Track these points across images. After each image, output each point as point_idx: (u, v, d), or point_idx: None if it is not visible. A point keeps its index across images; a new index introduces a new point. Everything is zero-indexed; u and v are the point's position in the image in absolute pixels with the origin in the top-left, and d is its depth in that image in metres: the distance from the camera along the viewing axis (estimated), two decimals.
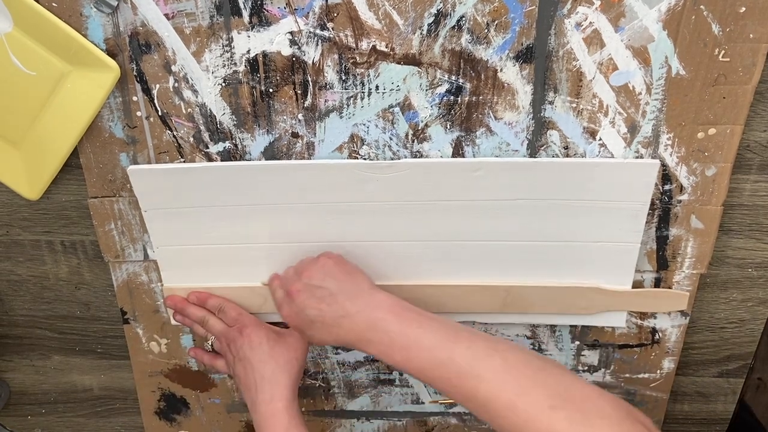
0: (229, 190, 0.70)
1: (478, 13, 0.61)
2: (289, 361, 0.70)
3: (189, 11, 0.62)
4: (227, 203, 0.71)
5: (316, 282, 0.66)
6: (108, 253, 0.76)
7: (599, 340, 0.79)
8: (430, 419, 0.88)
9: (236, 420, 0.89)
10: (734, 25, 0.60)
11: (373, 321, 0.62)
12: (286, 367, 0.70)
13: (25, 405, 0.92)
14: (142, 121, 0.68)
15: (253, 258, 0.75)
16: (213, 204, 0.71)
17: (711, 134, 0.65)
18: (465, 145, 0.68)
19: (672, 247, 0.72)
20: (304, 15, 0.62)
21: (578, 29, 0.61)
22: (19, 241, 0.78)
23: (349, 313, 0.63)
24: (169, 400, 0.88)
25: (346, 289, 0.65)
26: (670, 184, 0.68)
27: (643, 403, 0.84)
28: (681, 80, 0.63)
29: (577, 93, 0.64)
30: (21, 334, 0.86)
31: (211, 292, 0.77)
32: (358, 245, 0.73)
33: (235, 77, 0.65)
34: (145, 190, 0.71)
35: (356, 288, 0.65)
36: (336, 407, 0.87)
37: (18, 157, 0.70)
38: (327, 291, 0.65)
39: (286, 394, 0.68)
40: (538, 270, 0.73)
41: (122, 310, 0.81)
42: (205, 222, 0.73)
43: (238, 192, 0.70)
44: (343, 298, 0.64)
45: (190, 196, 0.71)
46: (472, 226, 0.71)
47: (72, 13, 0.62)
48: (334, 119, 0.67)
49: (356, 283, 0.66)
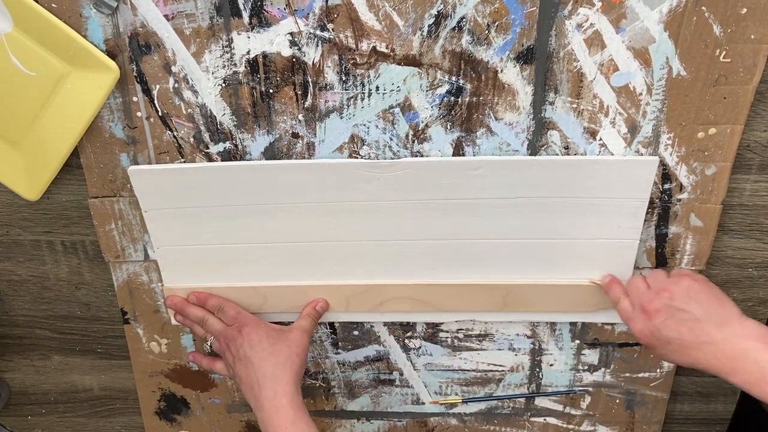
0: (229, 190, 0.70)
1: (478, 14, 0.61)
2: (290, 357, 0.70)
3: (189, 12, 0.62)
4: (227, 203, 0.71)
5: (679, 304, 0.63)
6: (108, 253, 0.76)
7: (599, 339, 0.79)
8: (430, 420, 0.88)
9: (236, 420, 0.89)
10: (735, 26, 0.60)
11: (741, 350, 0.59)
12: (287, 364, 0.69)
13: (26, 405, 0.92)
14: (143, 121, 0.68)
15: (254, 258, 0.75)
16: (213, 204, 0.71)
17: (711, 134, 0.65)
18: (465, 145, 0.68)
19: (671, 245, 0.72)
20: (304, 16, 0.62)
21: (579, 30, 0.61)
22: (19, 241, 0.78)
23: (714, 341, 0.60)
24: (169, 400, 0.88)
25: (712, 315, 0.62)
26: (670, 182, 0.68)
27: (643, 402, 0.84)
28: (682, 81, 0.63)
29: (578, 94, 0.64)
30: (21, 334, 0.86)
31: (212, 292, 0.77)
32: (359, 244, 0.73)
33: (235, 78, 0.65)
34: (146, 191, 0.71)
35: (724, 314, 0.62)
36: (336, 407, 0.87)
37: (18, 157, 0.70)
38: (690, 315, 0.62)
39: (290, 389, 0.68)
40: (539, 268, 0.73)
41: (122, 310, 0.81)
42: (205, 222, 0.73)
43: (239, 192, 0.70)
44: (708, 325, 0.61)
45: (190, 196, 0.71)
46: (472, 225, 0.71)
47: (72, 14, 0.62)
48: (334, 120, 0.67)
49: (724, 308, 0.62)
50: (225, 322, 0.75)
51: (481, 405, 0.86)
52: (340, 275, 0.75)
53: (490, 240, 0.72)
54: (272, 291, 0.77)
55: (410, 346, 0.82)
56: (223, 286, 0.77)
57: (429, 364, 0.83)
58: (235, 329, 0.72)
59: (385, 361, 0.83)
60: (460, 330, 0.80)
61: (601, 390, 0.84)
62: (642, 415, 0.85)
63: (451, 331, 0.80)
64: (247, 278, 0.76)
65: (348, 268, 0.75)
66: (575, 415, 0.86)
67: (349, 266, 0.75)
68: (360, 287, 0.76)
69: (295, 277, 0.76)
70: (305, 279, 0.76)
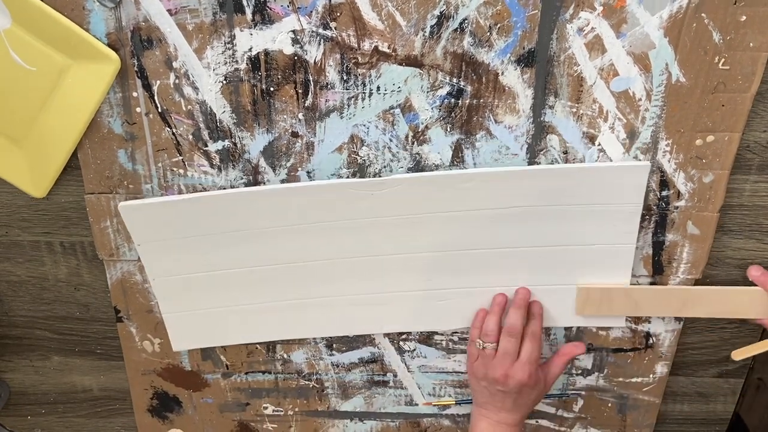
0: (219, 218, 0.70)
1: (480, 16, 0.61)
2: None
3: (192, 7, 0.62)
4: (221, 231, 0.71)
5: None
6: (103, 251, 0.76)
7: (593, 344, 0.80)
8: (423, 421, 0.88)
9: (229, 419, 0.88)
10: (735, 34, 0.60)
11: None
12: None
13: (25, 405, 0.92)
14: (142, 117, 0.68)
15: (252, 282, 0.75)
16: (207, 233, 0.71)
17: (709, 141, 0.66)
18: (465, 148, 0.68)
19: (668, 253, 0.72)
20: (307, 14, 0.62)
21: (580, 34, 0.62)
22: (18, 241, 0.78)
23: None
24: (161, 398, 0.87)
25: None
26: (668, 190, 0.69)
27: (636, 407, 0.84)
28: (681, 87, 0.63)
29: (578, 98, 0.65)
30: (20, 335, 0.85)
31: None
32: (356, 262, 0.73)
33: (236, 75, 0.65)
34: (137, 225, 0.71)
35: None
36: (329, 408, 0.87)
37: (21, 155, 0.69)
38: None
39: None
40: (536, 275, 0.73)
41: (116, 309, 0.80)
42: (200, 251, 0.73)
43: (229, 219, 0.70)
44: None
45: (183, 226, 0.71)
46: (466, 236, 0.71)
47: (75, 7, 0.62)
48: (334, 119, 0.67)
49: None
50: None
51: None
52: (337, 293, 0.76)
53: (485, 250, 0.72)
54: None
55: (405, 349, 0.81)
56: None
57: (423, 366, 0.83)
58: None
59: (380, 362, 0.83)
60: (455, 333, 0.80)
61: (594, 394, 0.84)
62: (634, 419, 0.85)
63: (446, 334, 0.80)
64: (247, 302, 0.77)
65: (345, 286, 0.75)
66: (567, 418, 0.86)
67: (346, 284, 0.75)
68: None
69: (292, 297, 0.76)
70: (302, 299, 0.76)
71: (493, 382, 0.72)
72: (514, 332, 0.71)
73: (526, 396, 0.72)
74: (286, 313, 0.77)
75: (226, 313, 0.78)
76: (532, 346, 0.72)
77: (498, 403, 0.73)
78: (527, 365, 0.71)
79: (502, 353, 0.71)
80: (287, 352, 0.82)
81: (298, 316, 0.77)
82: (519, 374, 0.70)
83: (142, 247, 0.73)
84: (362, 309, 0.77)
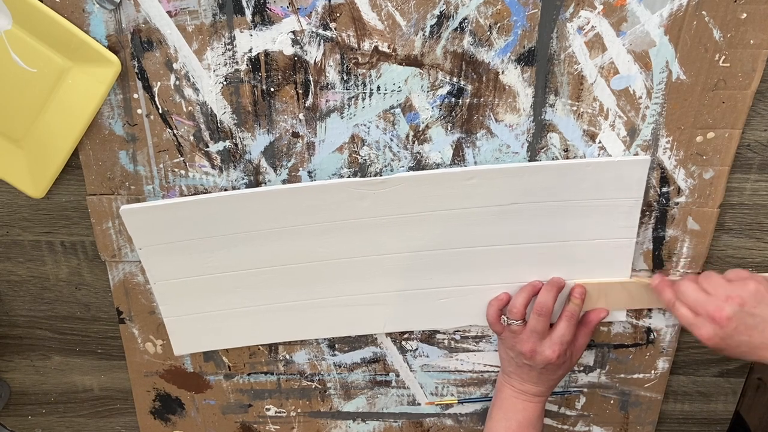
0: (220, 221, 0.70)
1: (480, 15, 0.61)
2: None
3: (192, 9, 0.62)
4: (222, 233, 0.71)
5: (749, 309, 0.63)
6: (105, 252, 0.76)
7: (594, 340, 0.80)
8: (425, 421, 0.88)
9: (231, 421, 0.88)
10: (735, 31, 0.60)
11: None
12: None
13: (26, 405, 0.92)
14: (143, 118, 0.68)
15: (254, 283, 0.75)
16: (207, 235, 0.71)
17: (709, 138, 0.66)
18: (465, 147, 0.68)
19: (668, 248, 0.73)
20: (306, 14, 0.62)
21: (580, 33, 0.62)
22: (19, 241, 0.78)
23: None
24: (164, 400, 0.87)
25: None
26: (668, 186, 0.69)
27: (638, 403, 0.84)
28: (681, 85, 0.63)
29: (578, 96, 0.65)
30: (21, 335, 0.85)
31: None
32: (358, 261, 0.73)
33: (236, 76, 0.65)
34: (138, 228, 0.71)
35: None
36: (332, 408, 0.87)
37: (21, 155, 0.69)
38: (760, 318, 0.63)
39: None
40: (538, 271, 0.73)
41: (118, 310, 0.80)
42: (201, 253, 0.73)
43: (233, 221, 0.70)
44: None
45: (184, 229, 0.71)
46: (467, 233, 0.71)
47: (74, 9, 0.62)
48: (334, 119, 0.67)
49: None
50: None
51: (477, 405, 0.86)
52: (339, 293, 0.76)
53: (486, 247, 0.72)
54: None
55: (407, 348, 0.82)
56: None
57: (425, 366, 0.83)
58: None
59: (382, 362, 0.83)
60: (456, 332, 0.80)
61: (596, 391, 0.84)
62: (636, 416, 0.85)
63: (448, 333, 0.80)
64: (249, 304, 0.77)
65: (347, 286, 0.75)
66: (570, 415, 0.86)
67: (348, 284, 0.75)
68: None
69: (293, 297, 0.76)
70: (303, 299, 0.76)
71: (520, 355, 0.72)
72: (543, 311, 0.71)
73: (552, 372, 0.73)
74: (288, 314, 0.77)
75: (228, 316, 0.78)
76: (567, 326, 0.71)
77: (524, 375, 0.74)
78: (557, 345, 0.71)
79: (529, 330, 0.71)
80: (289, 352, 0.82)
81: (300, 317, 0.77)
82: (547, 352, 0.71)
83: (144, 251, 0.73)
84: (364, 309, 0.77)
